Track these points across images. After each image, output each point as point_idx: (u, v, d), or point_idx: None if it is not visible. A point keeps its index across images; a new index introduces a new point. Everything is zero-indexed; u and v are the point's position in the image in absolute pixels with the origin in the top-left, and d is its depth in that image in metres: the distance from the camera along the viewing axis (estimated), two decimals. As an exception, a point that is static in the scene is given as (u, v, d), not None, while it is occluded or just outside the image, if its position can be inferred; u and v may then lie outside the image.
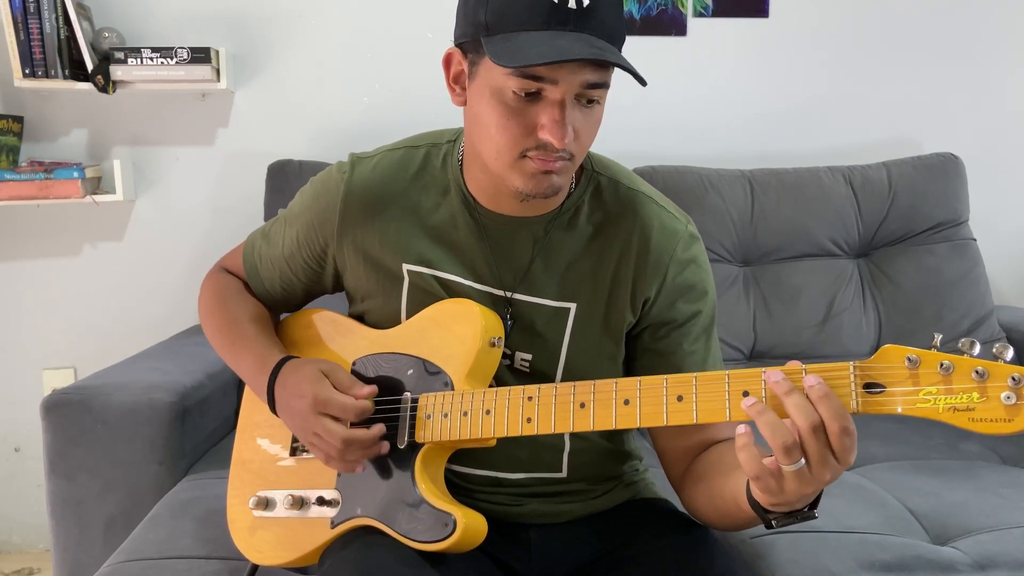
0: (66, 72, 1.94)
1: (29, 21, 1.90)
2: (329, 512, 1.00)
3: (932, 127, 2.23)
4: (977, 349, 0.71)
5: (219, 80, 2.01)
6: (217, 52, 2.00)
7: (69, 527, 1.49)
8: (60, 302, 2.17)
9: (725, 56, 2.19)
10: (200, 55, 1.95)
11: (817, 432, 0.72)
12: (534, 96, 0.87)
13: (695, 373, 0.83)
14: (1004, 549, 1.18)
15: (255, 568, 1.13)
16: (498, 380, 1.00)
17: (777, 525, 0.82)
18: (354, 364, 1.05)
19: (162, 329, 2.02)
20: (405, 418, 0.97)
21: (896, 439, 1.66)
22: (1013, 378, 0.69)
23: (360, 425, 0.96)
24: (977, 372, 0.70)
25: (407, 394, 0.98)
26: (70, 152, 2.11)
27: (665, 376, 0.84)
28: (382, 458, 0.97)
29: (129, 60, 1.94)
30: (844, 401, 0.74)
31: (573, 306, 1.01)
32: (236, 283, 1.18)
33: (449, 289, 1.02)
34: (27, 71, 1.92)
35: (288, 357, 1.04)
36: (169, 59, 1.95)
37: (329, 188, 1.06)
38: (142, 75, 1.95)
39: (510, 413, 0.91)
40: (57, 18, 1.91)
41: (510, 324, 1.01)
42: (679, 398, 0.82)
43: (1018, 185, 2.28)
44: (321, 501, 1.01)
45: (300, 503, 1.03)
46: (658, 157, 2.07)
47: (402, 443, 0.96)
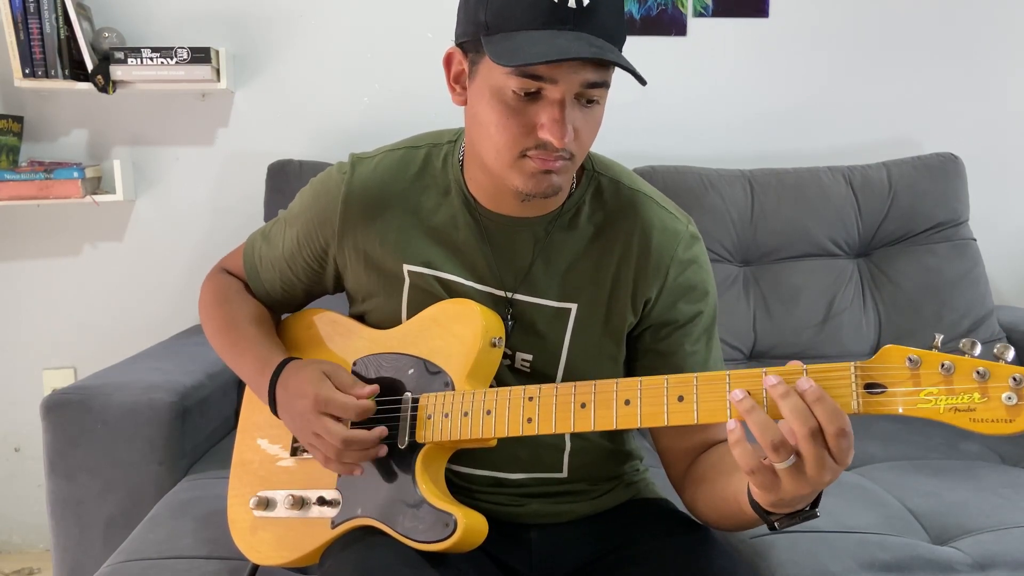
0: (66, 72, 1.94)
1: (29, 21, 1.90)
2: (330, 512, 1.00)
3: (932, 127, 2.23)
4: (978, 349, 0.71)
5: (219, 80, 2.01)
6: (217, 52, 2.00)
7: (69, 527, 1.49)
8: (60, 302, 2.17)
9: (725, 56, 2.19)
10: (200, 55, 1.95)
11: (815, 436, 0.72)
12: (534, 96, 0.87)
13: (696, 373, 0.83)
14: (1004, 549, 1.18)
15: (255, 568, 1.14)
16: (499, 380, 1.00)
17: (780, 527, 0.82)
18: (355, 364, 1.05)
19: (162, 329, 2.02)
20: (406, 418, 0.97)
21: (896, 439, 1.66)
22: (1014, 378, 0.69)
23: (361, 426, 0.96)
24: (978, 372, 0.70)
25: (408, 394, 0.98)
26: (70, 152, 2.11)
27: (666, 376, 0.84)
28: (383, 458, 0.97)
29: (129, 60, 1.94)
30: (845, 401, 0.74)
31: (574, 307, 1.01)
32: (236, 284, 1.18)
33: (450, 289, 1.02)
34: (27, 71, 1.92)
35: (289, 358, 1.04)
36: (169, 59, 1.94)
37: (329, 189, 1.06)
38: (142, 75, 1.95)
39: (511, 413, 0.91)
40: (57, 18, 1.91)
41: (511, 325, 1.01)
42: (680, 398, 0.82)
43: (1018, 185, 2.29)
44: (322, 501, 1.01)
45: (301, 503, 1.03)
46: (658, 157, 2.07)
47: (403, 443, 0.96)
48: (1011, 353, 0.70)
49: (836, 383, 0.75)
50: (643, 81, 0.85)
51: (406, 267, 1.02)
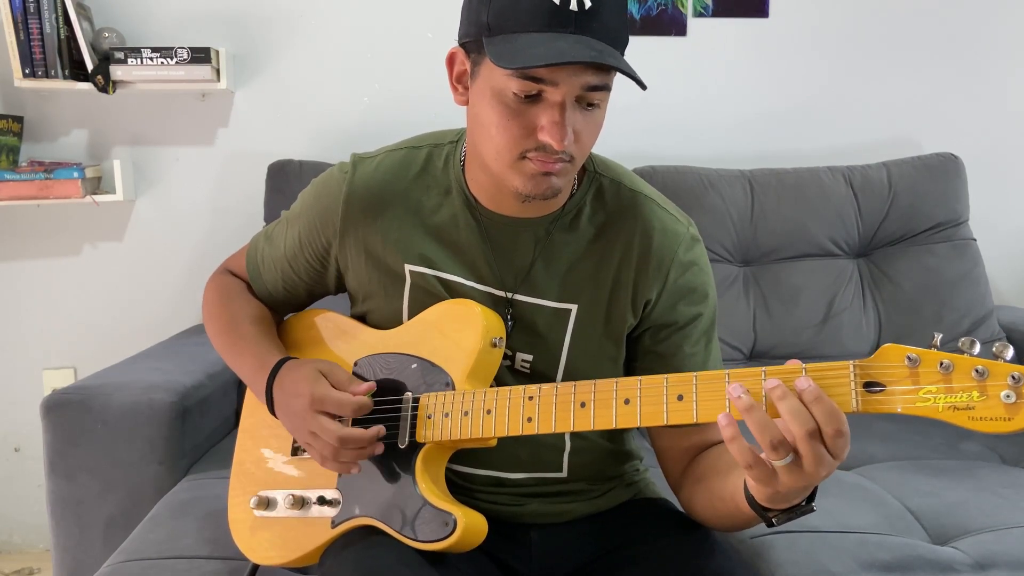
0: (66, 72, 1.94)
1: (29, 21, 1.90)
2: (330, 512, 1.00)
3: (932, 127, 2.22)
4: (977, 348, 0.71)
5: (219, 80, 2.01)
6: (217, 52, 2.00)
7: (69, 527, 1.49)
8: (60, 302, 2.17)
9: (725, 56, 2.19)
10: (200, 55, 1.95)
11: (813, 436, 0.73)
12: (535, 98, 0.87)
13: (695, 372, 0.83)
14: (1004, 549, 1.18)
15: (255, 568, 1.14)
16: (499, 381, 1.00)
17: (777, 522, 0.82)
18: (356, 364, 1.05)
19: (162, 329, 2.02)
20: (406, 418, 0.97)
21: (896, 439, 1.66)
22: (1013, 377, 0.69)
23: (360, 425, 0.96)
24: (977, 371, 0.70)
25: (408, 394, 0.98)
26: (70, 152, 2.11)
27: (665, 375, 0.84)
28: (383, 458, 0.97)
29: (129, 60, 1.94)
30: (844, 400, 0.74)
31: (574, 307, 1.01)
32: (239, 284, 1.18)
33: (451, 290, 1.02)
34: (27, 71, 1.92)
35: (287, 358, 1.04)
36: (169, 59, 1.94)
37: (331, 189, 1.06)
38: (142, 75, 1.95)
39: (511, 413, 0.91)
40: (57, 18, 1.91)
41: (511, 325, 1.01)
42: (679, 397, 0.82)
43: (1018, 185, 2.29)
44: (322, 501, 1.01)
45: (301, 503, 1.03)
46: (658, 157, 2.07)
47: (403, 443, 0.96)
48: (1010, 352, 0.70)
49: (835, 382, 0.75)
50: (643, 86, 0.85)
51: (407, 267, 1.03)
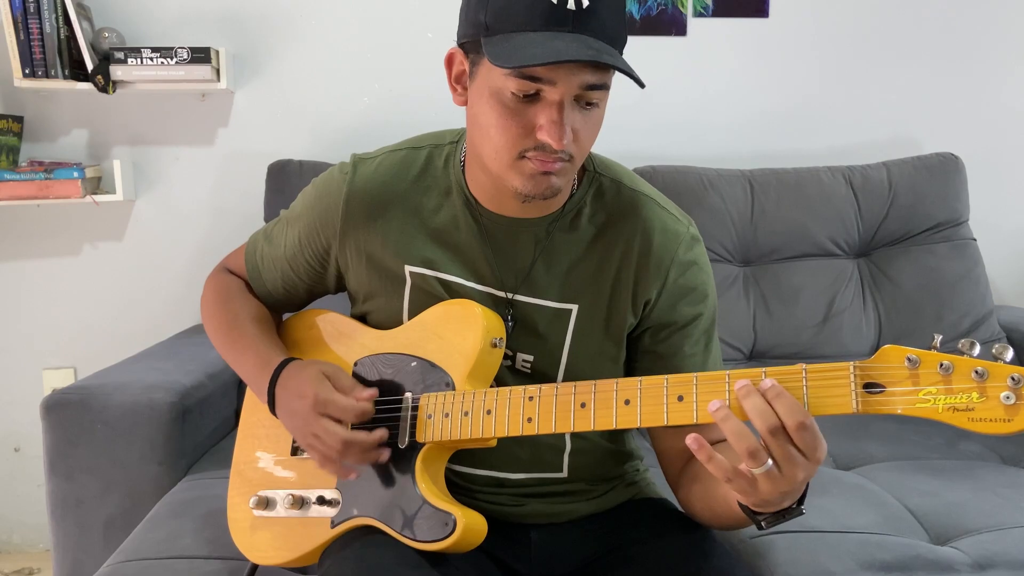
0: (66, 72, 1.94)
1: (29, 21, 1.90)
2: (329, 512, 1.00)
3: (932, 127, 2.23)
4: (977, 350, 0.71)
5: (219, 80, 2.01)
6: (217, 52, 2.00)
7: (69, 527, 1.49)
8: (60, 302, 2.17)
9: (725, 56, 2.19)
10: (200, 55, 1.95)
11: (776, 433, 0.74)
12: (533, 97, 0.87)
13: (695, 373, 0.83)
14: (1004, 549, 1.18)
15: (255, 568, 1.14)
16: (499, 381, 1.00)
17: (767, 525, 0.83)
18: (356, 365, 1.05)
19: (162, 329, 2.02)
20: (406, 418, 0.97)
21: (896, 439, 1.66)
22: (1013, 378, 0.69)
23: (361, 429, 0.96)
24: (977, 372, 0.70)
25: (408, 394, 0.98)
26: (70, 152, 2.11)
27: (666, 376, 0.84)
28: (382, 458, 0.97)
29: (129, 60, 1.94)
30: (844, 401, 0.75)
31: (575, 307, 1.01)
32: (238, 283, 1.18)
33: (451, 290, 1.02)
34: (27, 71, 1.92)
35: (289, 359, 1.04)
36: (169, 59, 1.94)
37: (331, 189, 1.06)
38: (142, 75, 1.95)
39: (511, 413, 0.91)
40: (57, 18, 1.91)
41: (511, 326, 1.01)
42: (679, 398, 0.83)
43: (1018, 185, 2.29)
44: (321, 501, 1.01)
45: (300, 503, 1.03)
46: (658, 157, 2.07)
47: (403, 443, 0.96)
48: (1009, 353, 0.70)
49: (835, 383, 0.75)
50: (642, 84, 0.85)
51: (407, 268, 1.02)
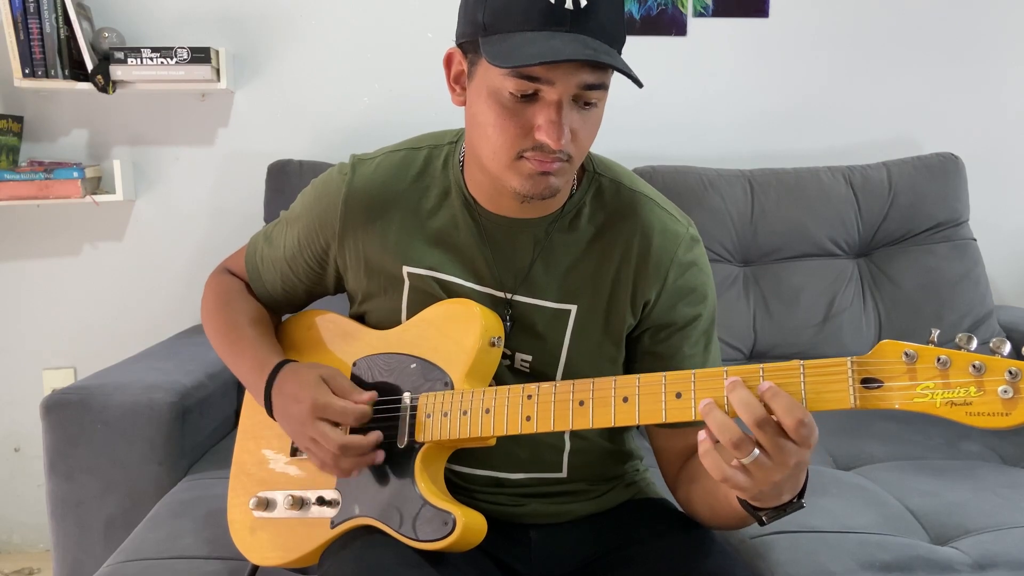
0: (66, 72, 1.94)
1: (29, 21, 1.90)
2: (329, 512, 1.00)
3: (932, 127, 2.22)
4: (974, 344, 0.71)
5: (219, 80, 2.01)
6: (217, 52, 2.00)
7: (69, 527, 1.49)
8: (60, 302, 2.17)
9: (725, 56, 2.19)
10: (200, 55, 1.95)
11: (762, 424, 0.74)
12: (531, 97, 0.86)
13: (693, 370, 0.83)
14: (1004, 549, 1.18)
15: (255, 568, 1.13)
16: (498, 381, 1.00)
17: (768, 520, 0.83)
18: (355, 365, 1.05)
19: (162, 329, 2.02)
20: (405, 418, 0.97)
21: (896, 439, 1.66)
22: (1010, 372, 0.69)
23: (359, 432, 0.96)
24: (974, 366, 0.70)
25: (407, 394, 0.98)
26: (70, 152, 2.11)
27: (664, 373, 0.84)
28: (382, 457, 0.97)
29: (129, 60, 1.94)
30: (842, 396, 0.75)
31: (574, 308, 1.01)
32: (238, 285, 1.18)
33: (449, 291, 1.02)
34: (27, 71, 1.92)
35: (285, 361, 1.04)
36: (169, 59, 1.95)
37: (330, 190, 1.06)
38: (142, 75, 1.95)
39: (510, 412, 0.91)
40: (57, 18, 1.91)
41: (509, 326, 1.01)
42: (678, 395, 0.82)
43: (1018, 185, 2.28)
44: (321, 501, 1.01)
45: (300, 503, 1.03)
46: (658, 157, 2.07)
47: (402, 443, 0.96)
48: (1007, 347, 0.70)
49: (833, 378, 0.75)
50: (640, 84, 0.85)
51: (406, 268, 1.02)
